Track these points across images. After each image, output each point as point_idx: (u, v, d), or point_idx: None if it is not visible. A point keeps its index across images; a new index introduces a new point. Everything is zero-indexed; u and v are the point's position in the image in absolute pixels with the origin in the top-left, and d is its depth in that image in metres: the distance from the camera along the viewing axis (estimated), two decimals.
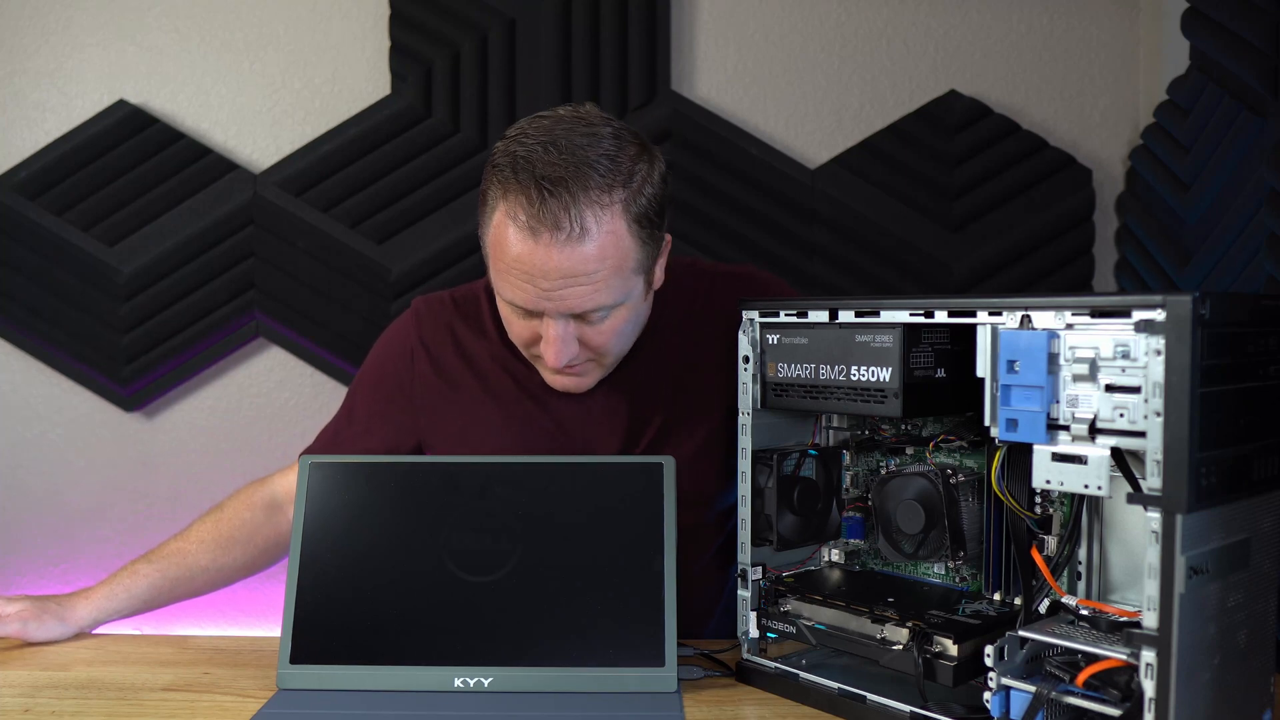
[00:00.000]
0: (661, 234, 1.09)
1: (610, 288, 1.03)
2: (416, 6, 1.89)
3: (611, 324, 1.07)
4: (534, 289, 1.02)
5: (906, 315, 0.91)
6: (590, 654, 1.00)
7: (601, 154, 1.01)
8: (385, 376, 1.25)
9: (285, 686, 1.01)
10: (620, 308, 1.07)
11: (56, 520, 1.97)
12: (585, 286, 1.02)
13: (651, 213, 1.05)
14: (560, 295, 1.02)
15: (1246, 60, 1.54)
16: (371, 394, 1.26)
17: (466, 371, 1.22)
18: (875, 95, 1.95)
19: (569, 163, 1.00)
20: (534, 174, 0.99)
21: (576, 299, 1.02)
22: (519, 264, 1.01)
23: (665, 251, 1.13)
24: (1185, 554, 0.74)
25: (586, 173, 1.00)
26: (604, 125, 1.04)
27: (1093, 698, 0.79)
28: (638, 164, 1.04)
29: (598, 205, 1.00)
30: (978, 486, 0.97)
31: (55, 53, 1.93)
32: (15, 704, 0.99)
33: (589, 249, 1.00)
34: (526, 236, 1.00)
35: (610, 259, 1.02)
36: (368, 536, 1.06)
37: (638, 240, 1.04)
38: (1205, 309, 0.74)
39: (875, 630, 0.94)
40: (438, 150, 1.91)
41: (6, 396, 1.96)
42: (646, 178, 1.05)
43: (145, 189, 1.91)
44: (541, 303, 1.03)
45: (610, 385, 1.18)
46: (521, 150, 1.01)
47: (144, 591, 1.23)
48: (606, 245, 1.01)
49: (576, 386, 1.14)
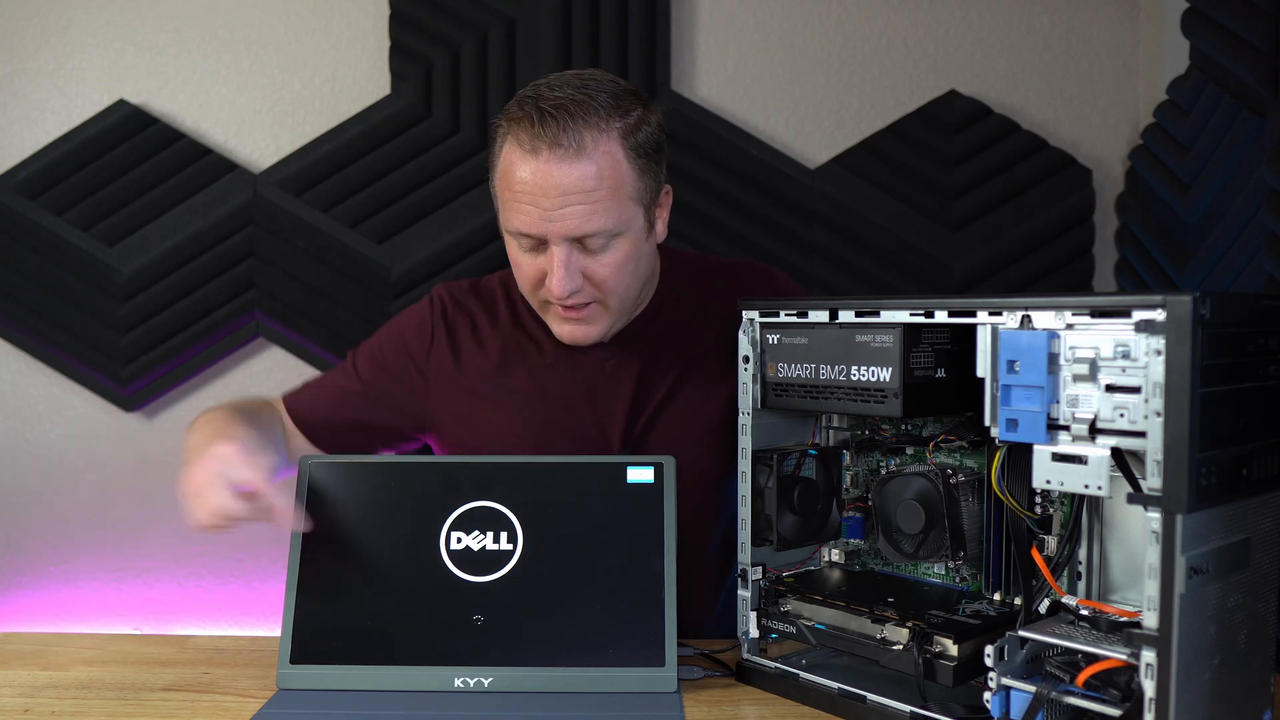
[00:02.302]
0: (660, 171, 1.16)
1: (609, 211, 1.09)
2: (416, 6, 1.89)
3: (613, 257, 1.12)
4: (536, 210, 1.08)
5: (906, 315, 0.91)
6: (590, 654, 1.00)
7: (601, 91, 1.11)
8: (399, 352, 1.28)
9: (285, 686, 1.01)
10: (621, 240, 1.12)
11: (56, 520, 1.97)
12: (585, 206, 1.08)
13: (649, 147, 1.13)
14: (561, 215, 1.08)
15: (1246, 60, 1.54)
16: (379, 366, 1.28)
17: (480, 354, 1.26)
18: (875, 95, 1.95)
19: (571, 95, 1.09)
20: (538, 104, 1.08)
21: (576, 219, 1.08)
22: (523, 186, 1.08)
23: (667, 203, 1.20)
24: (1185, 554, 0.74)
25: (586, 103, 1.09)
26: (606, 78, 1.14)
27: (1093, 698, 0.79)
28: (635, 106, 1.13)
29: (595, 129, 1.08)
30: (978, 486, 0.97)
31: (55, 53, 1.93)
32: (15, 704, 0.99)
33: (587, 167, 1.07)
34: (528, 156, 1.08)
35: (608, 180, 1.08)
36: (368, 536, 1.06)
37: (635, 168, 1.11)
38: (1205, 309, 0.74)
39: (875, 630, 0.94)
40: (438, 150, 1.91)
41: (6, 396, 1.96)
42: (644, 118, 1.13)
43: (145, 189, 1.91)
44: (544, 224, 1.09)
45: (617, 362, 1.23)
46: (529, 92, 1.12)
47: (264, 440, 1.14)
48: (604, 166, 1.08)
49: (584, 336, 1.18)
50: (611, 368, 1.23)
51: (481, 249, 1.90)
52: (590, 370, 1.23)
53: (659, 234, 1.20)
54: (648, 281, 1.22)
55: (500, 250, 1.89)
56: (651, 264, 1.22)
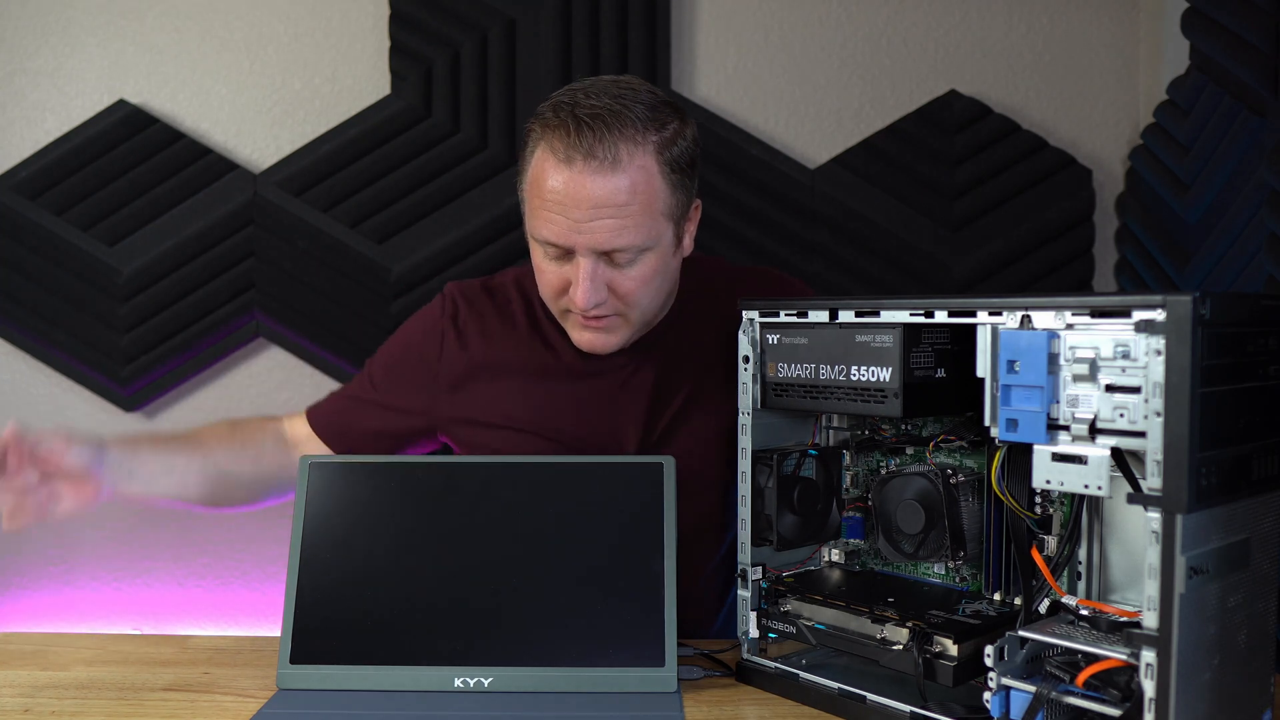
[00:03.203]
0: (693, 186, 1.15)
1: (640, 226, 1.07)
2: (416, 6, 1.89)
3: (640, 271, 1.10)
4: (566, 221, 1.06)
5: (906, 315, 0.91)
6: (590, 654, 1.00)
7: (638, 102, 1.08)
8: (410, 356, 1.27)
9: (285, 686, 1.01)
10: (648, 255, 1.10)
11: (56, 520, 1.96)
12: (616, 220, 1.06)
13: (683, 162, 1.11)
14: (591, 228, 1.06)
15: (1246, 60, 1.54)
16: (392, 372, 1.28)
17: (492, 353, 1.24)
18: (875, 95, 1.95)
19: (607, 105, 1.07)
20: (574, 112, 1.06)
21: (606, 233, 1.06)
22: (554, 195, 1.06)
23: (695, 217, 1.18)
24: (1185, 554, 0.74)
25: (623, 114, 1.06)
26: (643, 87, 1.12)
27: (1093, 698, 0.79)
28: (672, 119, 1.10)
29: (632, 142, 1.06)
30: (978, 486, 0.97)
31: (55, 53, 1.93)
32: (15, 704, 0.99)
33: (621, 181, 1.05)
34: (562, 166, 1.06)
35: (641, 195, 1.06)
36: (368, 536, 1.06)
37: (668, 184, 1.09)
38: (1205, 309, 0.74)
39: (875, 630, 0.94)
40: (438, 150, 1.91)
41: (6, 396, 1.96)
42: (679, 131, 1.11)
43: (145, 189, 1.91)
44: (573, 236, 1.07)
45: (633, 369, 1.21)
46: (564, 98, 1.09)
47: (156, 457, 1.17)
48: (638, 180, 1.06)
49: (603, 345, 1.16)
50: (628, 375, 1.21)
51: (482, 249, 1.90)
52: (607, 378, 1.21)
53: (686, 249, 1.18)
54: (670, 294, 1.21)
55: (500, 250, 1.90)
56: (675, 277, 1.20)
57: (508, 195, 1.89)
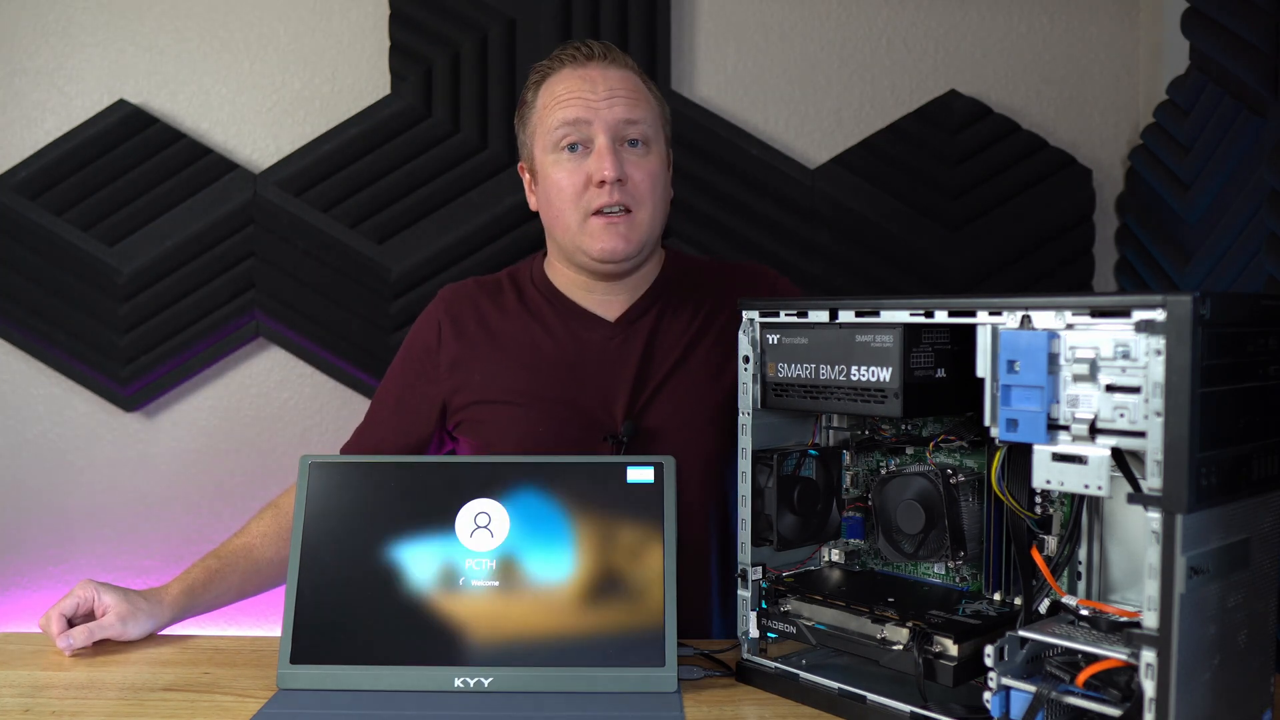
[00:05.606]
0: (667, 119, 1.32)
1: (648, 109, 1.27)
2: (416, 6, 1.89)
3: (648, 164, 1.25)
4: (583, 103, 1.23)
5: (906, 315, 0.91)
6: (590, 654, 1.00)
7: None
8: (414, 352, 1.36)
9: (285, 686, 1.01)
10: (654, 152, 1.27)
11: (56, 520, 1.96)
12: (629, 99, 1.24)
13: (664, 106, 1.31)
14: (610, 103, 1.23)
15: (1246, 60, 1.54)
16: (401, 376, 1.36)
17: (488, 335, 1.32)
18: (875, 95, 1.95)
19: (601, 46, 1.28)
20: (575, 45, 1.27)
21: (623, 107, 1.23)
22: (568, 91, 1.24)
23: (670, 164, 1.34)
24: (1185, 554, 0.74)
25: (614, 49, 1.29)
26: None
27: (1093, 698, 0.79)
28: None
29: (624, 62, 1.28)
30: (978, 486, 0.97)
31: (55, 53, 1.93)
32: (15, 704, 0.99)
33: (629, 75, 1.27)
34: (576, 68, 1.26)
35: (643, 91, 1.27)
36: (368, 536, 1.06)
37: (657, 100, 1.30)
38: (1205, 309, 0.74)
39: (875, 630, 0.94)
40: (438, 150, 1.91)
41: (6, 396, 1.96)
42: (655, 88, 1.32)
43: (145, 189, 1.90)
44: (591, 112, 1.22)
45: (622, 340, 1.29)
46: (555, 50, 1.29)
47: (218, 587, 1.25)
48: (637, 81, 1.28)
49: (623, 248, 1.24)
50: (616, 345, 1.29)
51: (482, 249, 1.90)
52: (596, 346, 1.29)
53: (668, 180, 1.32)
54: (663, 219, 1.31)
55: (500, 250, 1.90)
56: (667, 205, 1.32)
57: (508, 195, 1.89)
